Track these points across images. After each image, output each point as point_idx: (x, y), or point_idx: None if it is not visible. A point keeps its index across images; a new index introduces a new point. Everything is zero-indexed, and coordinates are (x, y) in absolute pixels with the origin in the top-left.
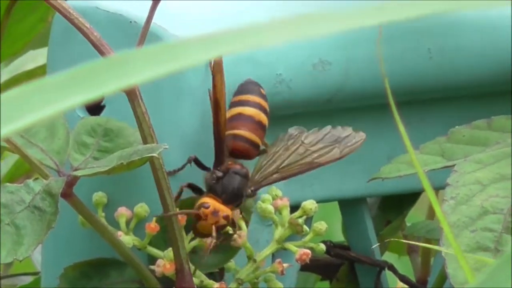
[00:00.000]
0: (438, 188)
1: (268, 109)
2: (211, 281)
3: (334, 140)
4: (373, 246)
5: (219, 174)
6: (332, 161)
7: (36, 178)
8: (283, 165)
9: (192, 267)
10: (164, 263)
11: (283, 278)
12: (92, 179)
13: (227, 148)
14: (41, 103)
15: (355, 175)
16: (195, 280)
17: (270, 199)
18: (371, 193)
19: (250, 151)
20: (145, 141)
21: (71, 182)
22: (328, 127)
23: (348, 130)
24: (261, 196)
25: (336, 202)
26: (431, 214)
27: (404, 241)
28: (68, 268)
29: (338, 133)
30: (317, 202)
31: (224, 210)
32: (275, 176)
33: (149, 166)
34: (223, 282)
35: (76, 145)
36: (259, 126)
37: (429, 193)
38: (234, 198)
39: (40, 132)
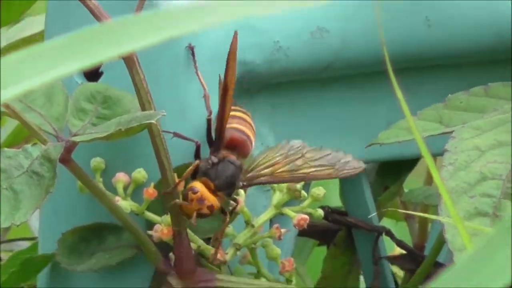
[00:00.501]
0: (436, 155)
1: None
2: (208, 246)
3: (333, 162)
4: (371, 215)
5: (215, 160)
6: (326, 178)
7: (35, 144)
8: (278, 170)
9: (190, 233)
10: (162, 228)
11: (281, 243)
12: (90, 145)
13: (225, 139)
14: (39, 69)
15: (354, 141)
16: (193, 245)
17: None
18: (369, 158)
19: (246, 145)
20: (143, 108)
21: (70, 147)
22: (330, 150)
23: (349, 157)
24: None
25: None
26: (429, 180)
27: (402, 211)
28: (66, 233)
29: (339, 157)
30: None
31: (211, 200)
32: (267, 178)
33: (147, 133)
34: (221, 248)
35: (75, 111)
36: (251, 127)
37: (427, 159)
38: (227, 185)
39: (39, 98)
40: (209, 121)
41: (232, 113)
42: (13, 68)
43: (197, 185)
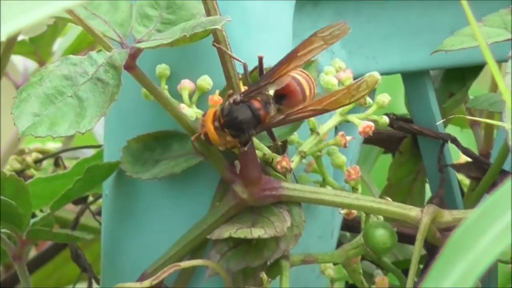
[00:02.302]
0: (501, 61)
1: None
2: (274, 154)
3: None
4: (437, 123)
5: (237, 100)
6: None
7: (99, 50)
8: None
9: (255, 140)
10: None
11: (346, 151)
12: (155, 52)
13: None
14: None
15: (418, 48)
16: (258, 153)
17: (334, 71)
18: (434, 65)
19: (296, 96)
20: (208, 14)
21: (134, 54)
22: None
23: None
24: (324, 68)
25: (399, 75)
26: (494, 87)
27: (468, 117)
28: (131, 140)
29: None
30: (381, 74)
31: (209, 129)
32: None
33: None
34: (286, 155)
35: (139, 18)
36: (312, 87)
37: (492, 65)
38: (232, 126)
39: (103, 4)
40: (260, 59)
41: (300, 70)
42: None
43: (210, 111)
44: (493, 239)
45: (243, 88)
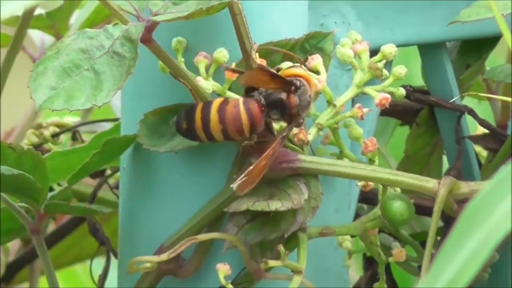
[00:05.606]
0: None
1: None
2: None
3: None
4: (455, 98)
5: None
6: None
7: (116, 24)
8: None
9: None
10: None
11: (363, 123)
12: (171, 25)
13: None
14: None
15: (435, 19)
16: (275, 126)
17: (350, 43)
18: (450, 37)
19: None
20: None
21: (151, 27)
22: None
23: None
24: (340, 40)
25: (416, 46)
26: (511, 58)
27: (483, 95)
28: (147, 113)
29: None
30: (397, 46)
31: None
32: None
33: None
34: (303, 128)
35: None
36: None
37: (507, 36)
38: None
39: None
40: None
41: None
42: None
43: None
44: (509, 209)
45: (259, 61)
